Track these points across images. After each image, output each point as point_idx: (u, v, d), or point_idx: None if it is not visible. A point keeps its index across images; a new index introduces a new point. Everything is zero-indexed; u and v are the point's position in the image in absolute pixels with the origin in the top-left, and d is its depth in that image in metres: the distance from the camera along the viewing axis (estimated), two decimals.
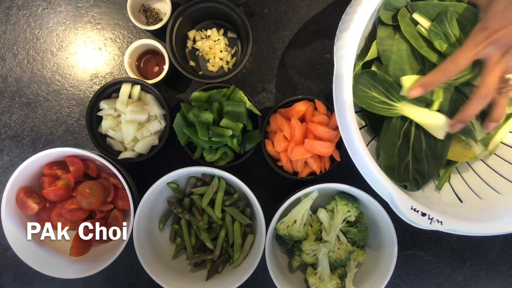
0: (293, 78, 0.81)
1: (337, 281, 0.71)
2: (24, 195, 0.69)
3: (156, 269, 0.69)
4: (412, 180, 0.64)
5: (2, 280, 0.81)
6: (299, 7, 0.81)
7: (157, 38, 0.80)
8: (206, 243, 0.72)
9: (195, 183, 0.75)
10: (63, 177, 0.71)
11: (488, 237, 0.83)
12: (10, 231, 0.68)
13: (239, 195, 0.73)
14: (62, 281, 0.79)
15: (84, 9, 0.81)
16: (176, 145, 0.73)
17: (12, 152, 0.81)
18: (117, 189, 0.74)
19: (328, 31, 0.81)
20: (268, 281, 0.68)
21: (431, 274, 0.83)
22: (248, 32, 0.72)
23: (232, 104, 0.69)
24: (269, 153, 0.74)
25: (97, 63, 0.81)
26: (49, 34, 0.81)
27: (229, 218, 0.73)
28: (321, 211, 0.71)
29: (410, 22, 0.62)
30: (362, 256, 0.73)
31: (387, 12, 0.63)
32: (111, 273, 0.81)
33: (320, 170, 0.71)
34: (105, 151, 0.72)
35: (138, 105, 0.72)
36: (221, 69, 0.81)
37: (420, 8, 0.61)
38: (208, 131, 0.67)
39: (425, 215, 0.56)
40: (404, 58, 0.62)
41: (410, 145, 0.64)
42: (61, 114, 0.81)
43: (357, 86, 0.62)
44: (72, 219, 0.71)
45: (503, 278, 0.83)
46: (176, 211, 0.73)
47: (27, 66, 0.81)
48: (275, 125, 0.72)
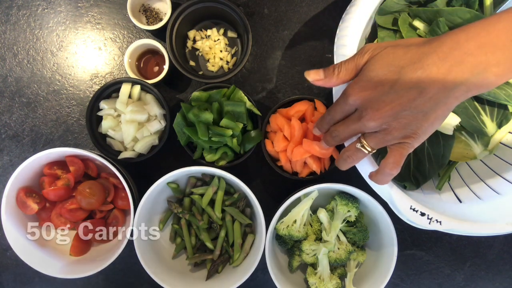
0: (293, 78, 0.81)
1: (337, 281, 0.71)
2: (24, 195, 0.69)
3: (156, 269, 0.69)
4: (412, 178, 0.64)
5: (2, 280, 0.81)
6: (299, 7, 0.81)
7: (157, 38, 0.80)
8: (206, 243, 0.72)
9: (195, 183, 0.75)
10: (63, 177, 0.71)
11: (488, 237, 0.83)
12: (10, 231, 0.68)
13: (239, 195, 0.73)
14: (62, 281, 0.79)
15: (84, 9, 0.81)
16: (176, 145, 0.73)
17: (12, 152, 0.81)
18: (117, 189, 0.74)
19: (328, 31, 0.81)
20: (268, 281, 0.68)
21: (431, 274, 0.83)
22: (248, 32, 0.72)
23: (232, 104, 0.69)
24: (269, 153, 0.74)
25: (97, 63, 0.81)
26: (49, 34, 0.81)
27: (229, 218, 0.73)
28: (321, 211, 0.71)
29: (410, 28, 0.62)
30: (362, 256, 0.73)
31: (383, 17, 0.63)
32: (111, 273, 0.81)
33: (320, 170, 0.71)
34: (105, 151, 0.72)
35: (138, 105, 0.72)
36: (221, 69, 0.81)
37: (420, 14, 0.62)
38: (208, 131, 0.67)
39: (424, 215, 0.56)
40: None
41: None
42: (61, 114, 0.81)
43: None
44: (72, 219, 0.71)
45: (503, 278, 0.83)
46: (176, 211, 0.73)
47: (27, 66, 0.81)
48: (275, 125, 0.72)
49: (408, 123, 0.43)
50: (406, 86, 0.41)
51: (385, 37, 0.64)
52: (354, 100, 0.45)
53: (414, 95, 0.40)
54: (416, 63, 0.41)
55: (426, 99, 0.40)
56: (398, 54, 0.42)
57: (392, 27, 0.64)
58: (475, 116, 0.61)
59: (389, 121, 0.43)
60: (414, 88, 0.40)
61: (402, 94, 0.41)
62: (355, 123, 0.46)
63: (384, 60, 0.43)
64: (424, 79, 0.40)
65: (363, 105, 0.44)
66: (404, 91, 0.41)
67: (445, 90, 0.40)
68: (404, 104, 0.41)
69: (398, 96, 0.41)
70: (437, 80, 0.40)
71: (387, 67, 0.43)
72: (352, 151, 0.50)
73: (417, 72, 0.40)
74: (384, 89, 0.42)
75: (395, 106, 0.42)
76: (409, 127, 0.43)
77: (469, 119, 0.61)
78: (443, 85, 0.40)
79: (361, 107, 0.45)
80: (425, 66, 0.40)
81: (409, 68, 0.41)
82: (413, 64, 0.41)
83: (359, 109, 0.45)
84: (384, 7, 0.61)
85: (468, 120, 0.61)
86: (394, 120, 0.43)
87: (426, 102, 0.41)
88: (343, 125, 0.49)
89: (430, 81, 0.40)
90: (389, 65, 0.43)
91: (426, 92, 0.40)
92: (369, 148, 0.48)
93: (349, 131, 0.49)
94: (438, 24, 0.58)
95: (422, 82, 0.40)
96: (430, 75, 0.40)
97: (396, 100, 0.42)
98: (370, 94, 0.43)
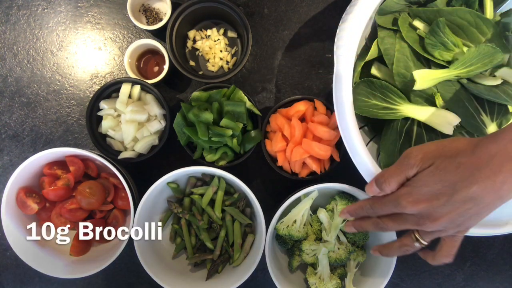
0: (293, 78, 0.81)
1: (337, 281, 0.70)
2: (24, 195, 0.69)
3: (156, 269, 0.69)
4: None
5: (2, 280, 0.81)
6: (299, 7, 0.81)
7: (157, 38, 0.80)
8: (206, 243, 0.72)
9: (195, 183, 0.75)
10: (63, 177, 0.71)
11: (488, 237, 0.83)
12: (10, 231, 0.68)
13: (239, 195, 0.73)
14: (62, 281, 0.79)
15: (84, 9, 0.81)
16: (176, 145, 0.73)
17: (12, 152, 0.81)
18: (117, 189, 0.74)
19: (329, 31, 0.81)
20: (268, 281, 0.68)
21: (431, 274, 0.83)
22: (248, 32, 0.72)
23: (232, 104, 0.69)
24: (269, 153, 0.74)
25: (97, 63, 0.81)
26: (49, 34, 0.81)
27: (229, 218, 0.73)
28: (321, 211, 0.71)
29: (410, 28, 0.62)
30: (362, 256, 0.73)
31: (383, 17, 0.63)
32: (111, 273, 0.81)
33: (320, 170, 0.71)
34: (105, 151, 0.72)
35: (138, 105, 0.72)
36: (221, 69, 0.81)
37: (420, 14, 0.62)
38: (208, 131, 0.67)
39: None
40: (407, 55, 0.62)
41: (412, 143, 0.64)
42: (61, 114, 0.81)
43: (356, 97, 0.61)
44: (72, 219, 0.71)
45: (503, 278, 0.83)
46: (176, 211, 0.73)
47: (27, 66, 0.81)
48: (275, 125, 0.72)
49: (463, 223, 0.46)
50: (462, 199, 0.43)
51: (385, 37, 0.64)
52: (410, 211, 0.47)
53: (471, 206, 0.43)
54: (470, 178, 0.42)
55: (481, 207, 0.43)
56: (449, 169, 0.44)
57: (392, 27, 0.64)
58: (475, 116, 0.61)
59: (446, 226, 0.46)
60: (470, 201, 0.43)
61: (458, 206, 0.44)
62: (411, 225, 0.49)
63: (436, 176, 0.45)
64: (480, 192, 0.42)
65: (419, 215, 0.47)
66: (460, 203, 0.43)
67: (501, 199, 0.43)
68: (461, 213, 0.44)
69: (455, 208, 0.44)
70: (492, 191, 0.42)
71: (441, 183, 0.44)
72: (409, 245, 0.53)
73: (473, 188, 0.42)
74: (440, 203, 0.44)
75: (452, 216, 0.44)
76: (464, 226, 0.47)
77: (469, 118, 0.61)
78: (498, 195, 0.42)
79: (417, 215, 0.47)
80: (479, 181, 0.42)
81: (464, 183, 0.43)
82: (466, 179, 0.43)
83: (415, 216, 0.47)
84: (384, 7, 0.61)
85: (468, 120, 0.61)
86: (450, 224, 0.46)
87: (481, 209, 0.44)
88: (393, 222, 0.51)
89: (485, 193, 0.42)
90: (442, 181, 0.44)
91: (482, 202, 0.43)
92: (425, 242, 0.52)
93: (398, 228, 0.51)
94: (438, 24, 0.58)
95: (478, 195, 0.42)
96: (486, 189, 0.42)
97: (454, 211, 0.44)
98: (425, 206, 0.45)
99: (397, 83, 0.62)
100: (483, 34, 0.60)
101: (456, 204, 0.44)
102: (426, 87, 0.60)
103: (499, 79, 0.61)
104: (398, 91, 0.62)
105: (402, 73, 0.62)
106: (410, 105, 0.62)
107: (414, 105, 0.62)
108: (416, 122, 0.64)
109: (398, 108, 0.62)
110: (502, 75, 0.61)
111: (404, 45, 0.63)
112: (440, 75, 0.59)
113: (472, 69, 0.58)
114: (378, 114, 0.62)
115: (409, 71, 0.61)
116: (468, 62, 0.57)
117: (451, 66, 0.60)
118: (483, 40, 0.61)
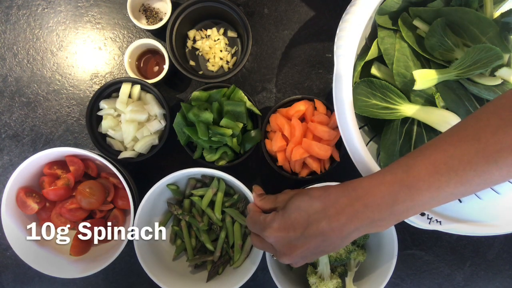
0: (293, 78, 0.81)
1: (338, 280, 0.70)
2: (24, 195, 0.69)
3: (157, 270, 0.69)
4: None
5: (2, 280, 0.81)
6: (299, 7, 0.81)
7: (157, 38, 0.80)
8: (206, 244, 0.72)
9: (195, 184, 0.75)
10: (63, 177, 0.71)
11: (488, 237, 0.83)
12: (10, 231, 0.68)
13: (239, 196, 0.73)
14: (62, 281, 0.79)
15: (84, 9, 0.81)
16: (176, 144, 0.73)
17: (12, 152, 0.81)
18: (117, 188, 0.74)
19: (329, 31, 0.81)
20: (269, 280, 0.68)
21: (431, 274, 0.83)
22: (248, 31, 0.72)
23: (232, 104, 0.69)
24: (269, 153, 0.74)
25: (97, 62, 0.81)
26: (49, 34, 0.81)
27: (229, 219, 0.73)
28: None
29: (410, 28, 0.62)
30: (362, 255, 0.73)
31: (383, 17, 0.63)
32: (111, 273, 0.81)
33: (320, 170, 0.71)
34: (105, 151, 0.72)
35: (138, 104, 0.72)
36: (221, 69, 0.81)
37: (420, 14, 0.62)
38: (208, 131, 0.67)
39: (424, 214, 0.56)
40: (408, 55, 0.62)
41: (412, 143, 0.64)
42: (61, 113, 0.81)
43: (356, 97, 0.61)
44: (72, 219, 0.71)
45: (503, 278, 0.83)
46: (176, 213, 0.73)
47: (27, 66, 0.81)
48: (275, 124, 0.72)
49: (311, 259, 0.53)
50: (313, 234, 0.49)
51: (385, 37, 0.64)
52: (269, 238, 0.52)
53: (319, 243, 0.49)
54: (320, 213, 0.48)
55: (328, 244, 0.49)
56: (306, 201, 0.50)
57: (392, 27, 0.64)
58: None
59: (297, 260, 0.52)
60: (319, 236, 0.48)
61: (310, 240, 0.49)
62: (270, 251, 0.55)
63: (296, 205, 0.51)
64: (327, 229, 0.48)
65: (276, 245, 0.51)
66: (311, 237, 0.49)
67: (343, 238, 0.49)
68: (311, 249, 0.50)
69: (307, 242, 0.49)
70: (336, 230, 0.48)
71: (299, 212, 0.50)
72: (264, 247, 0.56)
73: (322, 223, 0.48)
74: (296, 234, 0.49)
75: (304, 251, 0.50)
76: (310, 259, 0.54)
77: None
78: (341, 234, 0.48)
79: (275, 245, 0.52)
80: (327, 217, 0.48)
81: (316, 216, 0.49)
82: (318, 213, 0.48)
83: (274, 245, 0.52)
84: (384, 7, 0.61)
85: None
86: (301, 259, 0.52)
87: (328, 246, 0.50)
88: (260, 244, 0.56)
89: (331, 231, 0.48)
90: (300, 210, 0.50)
91: (328, 239, 0.48)
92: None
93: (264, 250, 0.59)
94: (438, 24, 0.58)
95: (325, 231, 0.48)
96: (331, 225, 0.47)
97: (305, 245, 0.50)
98: (284, 236, 0.50)
99: (397, 83, 0.62)
100: (483, 34, 0.60)
101: (308, 238, 0.49)
102: (426, 87, 0.60)
103: (499, 79, 0.61)
104: (398, 91, 0.62)
105: (402, 73, 0.62)
106: (410, 105, 0.62)
107: (414, 105, 0.62)
108: (416, 122, 0.64)
109: (398, 108, 0.62)
110: (502, 75, 0.61)
111: (404, 45, 0.63)
112: (440, 75, 0.59)
113: (472, 69, 0.58)
114: (378, 114, 0.62)
115: (409, 71, 0.61)
116: (468, 62, 0.57)
117: (451, 66, 0.60)
118: (483, 39, 0.61)
